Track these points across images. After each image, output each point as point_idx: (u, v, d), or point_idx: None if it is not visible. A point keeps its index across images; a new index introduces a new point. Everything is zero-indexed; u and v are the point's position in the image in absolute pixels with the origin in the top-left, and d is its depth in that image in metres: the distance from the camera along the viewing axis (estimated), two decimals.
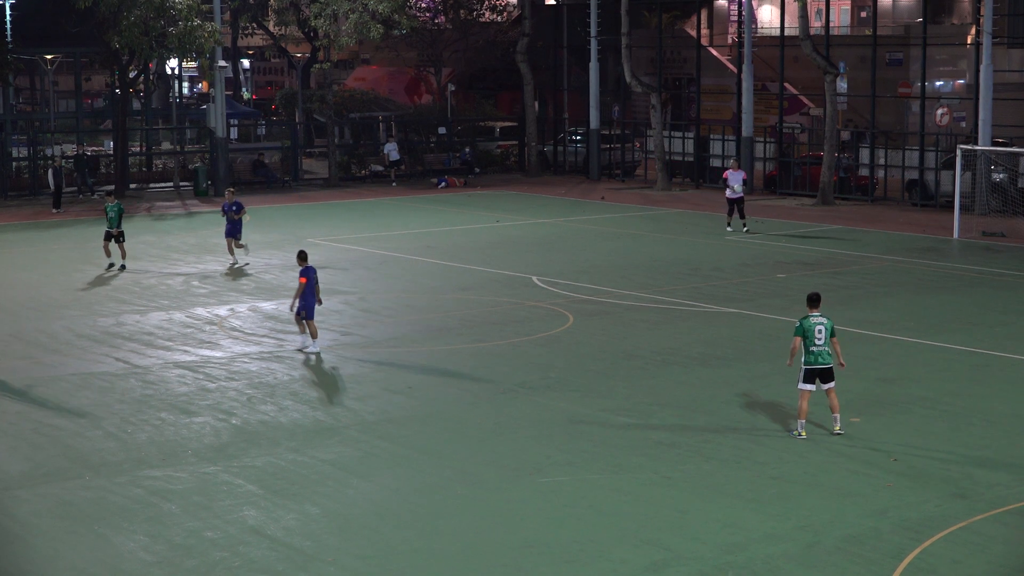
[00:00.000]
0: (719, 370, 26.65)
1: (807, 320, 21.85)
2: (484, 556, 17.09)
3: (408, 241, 44.15)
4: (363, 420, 23.14)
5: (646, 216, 51.10)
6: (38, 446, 21.93)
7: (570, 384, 25.51)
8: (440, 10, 77.01)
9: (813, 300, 22.35)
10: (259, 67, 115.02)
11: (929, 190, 53.05)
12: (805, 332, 21.73)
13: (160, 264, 39.87)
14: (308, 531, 17.96)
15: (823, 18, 61.43)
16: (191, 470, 20.50)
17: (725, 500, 18.95)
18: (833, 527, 17.81)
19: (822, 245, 42.87)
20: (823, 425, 22.35)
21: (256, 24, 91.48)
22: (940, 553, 16.90)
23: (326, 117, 65.12)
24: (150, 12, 54.34)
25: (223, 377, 26.20)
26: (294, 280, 36.40)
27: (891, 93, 59.65)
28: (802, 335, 21.74)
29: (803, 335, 21.73)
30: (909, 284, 36.01)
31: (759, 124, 59.47)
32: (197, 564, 16.83)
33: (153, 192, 60.49)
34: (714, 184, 59.89)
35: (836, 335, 22.19)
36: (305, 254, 29.26)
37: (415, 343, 29.17)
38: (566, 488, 19.58)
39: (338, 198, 57.64)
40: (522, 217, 50.34)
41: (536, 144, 67.64)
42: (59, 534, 17.93)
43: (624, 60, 60.57)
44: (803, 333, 21.74)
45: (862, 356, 27.60)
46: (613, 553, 17.07)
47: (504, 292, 34.91)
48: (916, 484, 19.57)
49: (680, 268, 38.63)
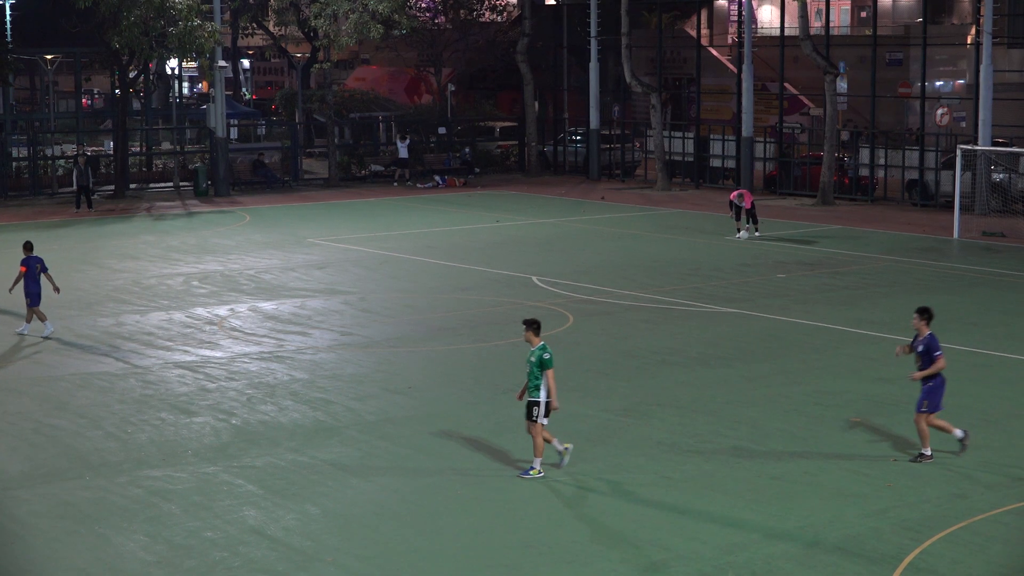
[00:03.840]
0: (719, 370, 26.65)
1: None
2: (484, 556, 17.09)
3: (408, 241, 44.15)
4: (363, 420, 23.14)
5: (646, 216, 51.10)
6: (38, 446, 21.94)
7: (570, 384, 25.48)
8: (440, 10, 77.02)
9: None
10: (259, 67, 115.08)
11: (929, 190, 53.05)
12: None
13: (160, 264, 39.87)
14: (308, 531, 17.96)
15: (823, 18, 61.42)
16: (191, 470, 20.51)
17: (725, 500, 18.95)
18: (833, 527, 17.81)
19: (822, 245, 42.87)
20: (822, 427, 22.36)
21: (256, 24, 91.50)
22: (940, 553, 16.90)
23: (326, 117, 65.12)
24: (150, 12, 54.31)
25: (223, 377, 26.20)
26: (295, 281, 36.51)
27: (891, 93, 59.65)
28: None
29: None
30: (909, 284, 36.01)
31: (759, 124, 59.48)
32: (197, 564, 16.83)
33: (153, 192, 60.48)
34: (714, 184, 59.90)
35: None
36: (30, 244, 30.64)
37: (415, 343, 29.17)
38: (566, 488, 19.57)
39: (338, 198, 57.64)
40: (522, 217, 50.34)
41: (536, 144, 67.64)
42: (59, 534, 17.93)
43: (624, 60, 60.58)
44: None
45: (862, 356, 27.63)
46: (613, 553, 17.08)
47: (504, 292, 34.91)
48: (916, 484, 19.58)
49: (680, 268, 38.63)
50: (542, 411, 19.83)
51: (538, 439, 19.87)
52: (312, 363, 27.42)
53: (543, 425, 19.88)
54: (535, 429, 19.83)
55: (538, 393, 19.82)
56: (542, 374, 19.82)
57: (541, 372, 19.82)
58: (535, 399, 19.82)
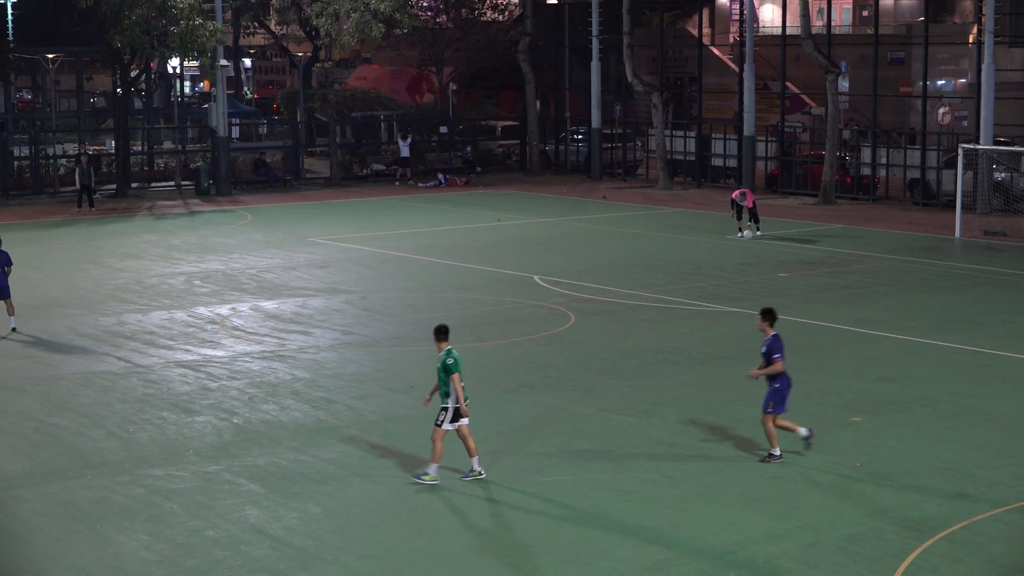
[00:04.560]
0: (721, 369, 26.65)
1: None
2: (485, 555, 17.10)
3: (410, 240, 44.15)
4: (364, 419, 23.15)
5: (648, 215, 51.11)
6: (40, 445, 21.95)
7: (571, 383, 25.51)
8: (442, 9, 77.02)
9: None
10: (261, 66, 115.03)
11: (931, 189, 53.05)
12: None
13: (162, 263, 39.87)
14: (309, 530, 17.97)
15: (824, 17, 61.42)
16: (193, 469, 20.51)
17: (726, 499, 18.96)
18: (834, 527, 17.81)
19: (824, 244, 42.87)
20: (823, 426, 22.36)
21: (258, 23, 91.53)
22: (942, 553, 16.90)
23: (328, 116, 65.12)
24: (152, 11, 54.34)
25: (225, 376, 26.21)
26: (296, 280, 36.51)
27: (893, 92, 59.64)
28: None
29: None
30: (911, 283, 36.00)
31: (760, 123, 59.48)
32: (199, 563, 16.84)
33: (155, 191, 60.50)
34: (716, 183, 59.90)
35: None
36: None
37: (416, 342, 29.16)
38: (567, 487, 19.58)
39: (340, 197, 57.65)
40: (524, 216, 50.35)
41: (538, 143, 67.64)
42: (60, 533, 17.93)
43: (626, 59, 60.59)
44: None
45: (863, 356, 27.63)
46: (614, 552, 17.08)
47: (506, 291, 34.91)
48: (917, 484, 19.57)
49: (682, 267, 38.63)
50: (448, 416, 19.62)
51: (437, 444, 19.67)
52: (314, 362, 27.42)
53: (445, 432, 19.68)
54: (436, 434, 19.67)
55: (447, 399, 19.66)
56: (449, 379, 19.66)
57: (448, 377, 19.67)
58: (444, 405, 19.68)
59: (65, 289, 35.74)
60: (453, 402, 19.62)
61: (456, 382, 19.59)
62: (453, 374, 19.60)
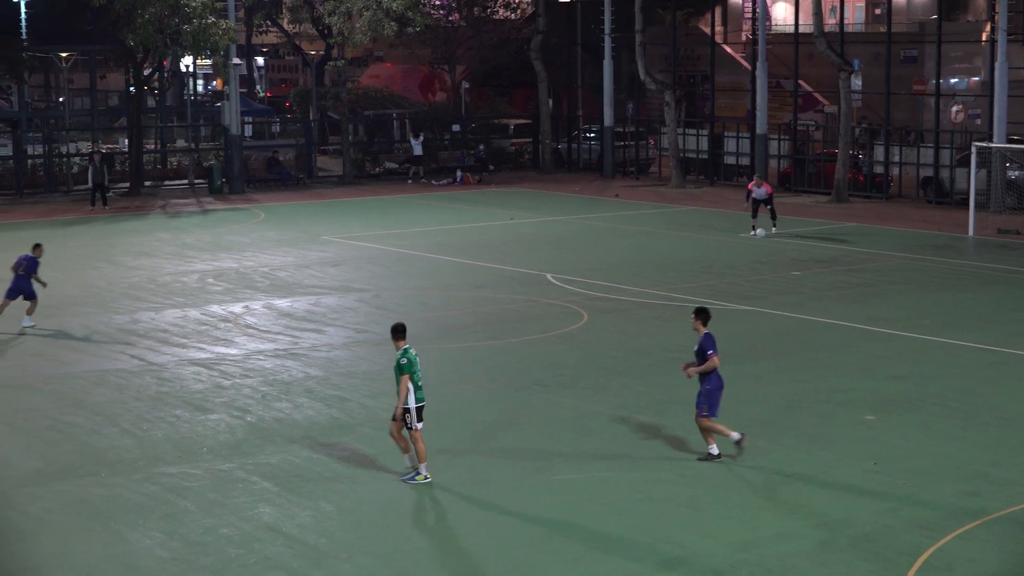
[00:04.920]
0: (733, 367, 26.54)
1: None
2: (496, 554, 17.11)
3: (422, 238, 44.18)
4: (377, 417, 23.16)
5: (660, 213, 51.10)
6: (53, 443, 22.01)
7: (583, 381, 25.53)
8: (454, 7, 77.03)
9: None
10: (273, 65, 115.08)
11: (944, 187, 52.97)
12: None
13: (175, 261, 39.94)
14: (323, 528, 18.01)
15: (837, 15, 61.35)
16: (206, 467, 20.56)
17: (738, 497, 18.96)
18: (847, 525, 17.81)
19: (836, 242, 42.82)
20: (835, 425, 22.36)
21: (270, 22, 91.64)
22: (955, 551, 16.89)
23: (340, 115, 65.16)
24: (164, 10, 54.40)
25: (238, 374, 26.26)
26: (309, 278, 36.57)
27: (906, 90, 59.55)
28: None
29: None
30: (923, 281, 35.97)
31: (773, 121, 59.41)
32: (212, 561, 16.88)
33: (168, 190, 60.58)
34: (728, 181, 59.86)
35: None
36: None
37: (429, 340, 29.18)
38: (579, 485, 19.60)
39: (352, 195, 57.71)
40: (536, 214, 50.36)
41: (550, 141, 67.63)
42: (73, 531, 17.99)
43: (638, 57, 60.56)
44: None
45: (875, 354, 27.61)
46: (627, 550, 17.09)
47: (518, 289, 34.93)
48: (930, 482, 19.56)
49: (694, 265, 38.62)
50: (414, 417, 19.59)
51: (419, 445, 19.62)
52: (327, 360, 27.47)
53: (419, 430, 19.62)
54: (413, 436, 19.64)
55: (409, 399, 19.59)
56: (400, 379, 19.56)
57: (400, 377, 19.56)
58: (407, 406, 19.61)
59: (79, 287, 35.81)
60: (406, 402, 19.49)
61: (405, 383, 19.47)
62: (404, 375, 19.49)
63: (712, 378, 20.61)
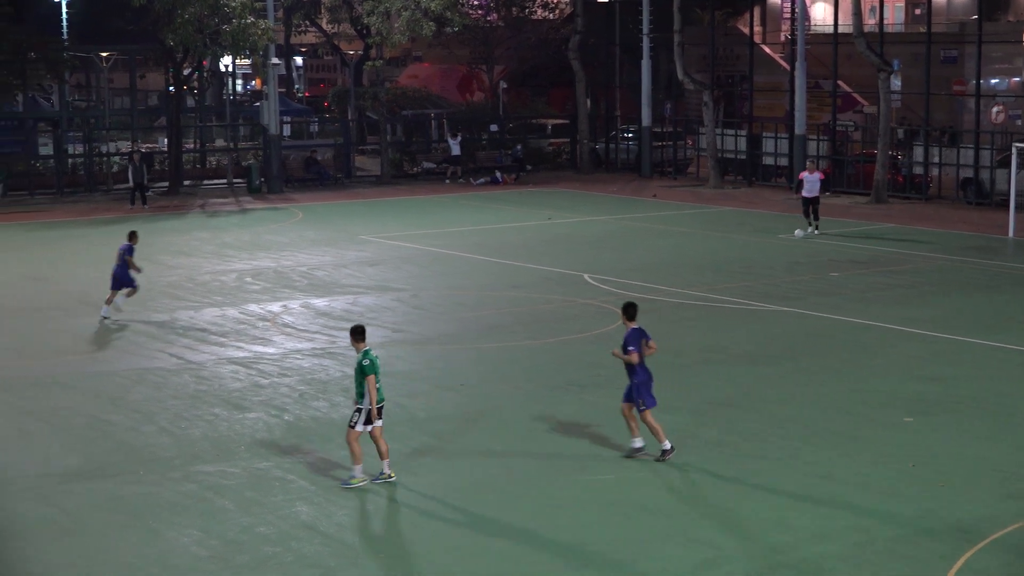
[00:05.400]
0: (768, 368, 26.58)
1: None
2: (530, 553, 17.12)
3: (460, 238, 44.23)
4: (414, 417, 23.22)
5: (698, 214, 51.00)
6: (91, 441, 22.14)
7: (619, 382, 25.40)
8: (492, 7, 77.09)
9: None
10: (312, 64, 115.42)
11: (984, 188, 52.69)
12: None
13: (214, 260, 40.11)
14: (359, 527, 18.07)
15: (877, 15, 61.11)
16: (244, 465, 20.64)
17: (774, 499, 18.92)
18: (883, 527, 17.74)
19: (875, 244, 42.66)
20: (873, 427, 22.28)
21: (309, 21, 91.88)
22: (993, 555, 16.80)
23: (378, 114, 65.29)
24: (204, 10, 54.65)
25: (276, 373, 26.35)
26: (347, 277, 36.66)
27: (946, 91, 59.27)
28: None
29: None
30: (962, 283, 35.80)
31: (812, 122, 59.18)
32: (249, 559, 16.95)
33: (207, 189, 60.84)
34: (766, 182, 59.71)
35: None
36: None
37: (467, 340, 29.24)
38: (612, 486, 19.59)
39: (390, 195, 57.81)
40: (574, 215, 50.35)
41: (588, 141, 67.59)
42: (111, 529, 18.09)
43: (676, 57, 60.44)
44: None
45: (913, 355, 27.51)
46: (661, 551, 17.08)
47: (555, 290, 34.93)
48: (968, 485, 19.47)
49: (732, 266, 38.53)
50: (361, 418, 19.50)
51: (354, 447, 19.55)
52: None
53: (359, 432, 19.53)
54: (350, 436, 19.59)
55: (362, 400, 19.55)
56: (364, 380, 19.54)
57: (363, 379, 19.55)
58: (359, 406, 19.58)
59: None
60: (367, 404, 19.49)
61: (371, 384, 19.45)
62: (368, 376, 19.45)
63: (639, 371, 20.70)
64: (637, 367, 20.66)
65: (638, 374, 20.69)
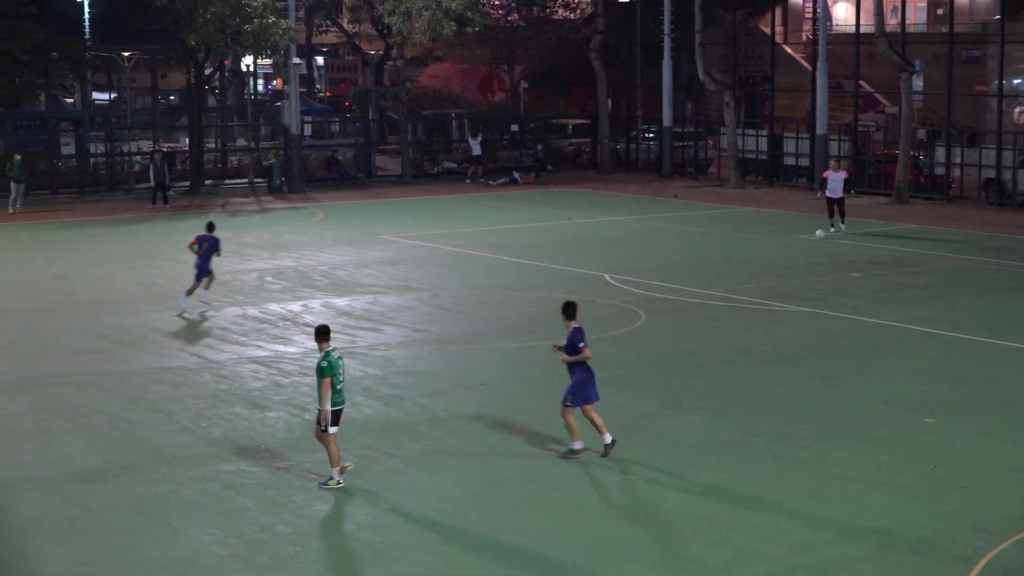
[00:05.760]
0: (788, 368, 26.54)
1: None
2: (550, 554, 17.10)
3: (480, 238, 44.23)
4: (435, 416, 23.22)
5: (719, 214, 50.94)
6: (112, 440, 22.19)
7: (640, 382, 25.48)
8: (513, 7, 77.11)
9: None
10: (333, 64, 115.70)
11: (1006, 189, 52.53)
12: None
13: (235, 260, 40.13)
14: (379, 526, 18.06)
15: (899, 15, 60.99)
16: (264, 465, 20.67)
17: (794, 500, 18.87)
18: (905, 529, 17.68)
19: (896, 244, 42.56)
20: (893, 428, 22.22)
21: (330, 21, 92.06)
22: (1015, 556, 16.74)
23: (399, 114, 65.38)
24: (226, 9, 54.75)
25: (296, 372, 26.38)
26: (368, 277, 36.69)
27: (968, 91, 59.08)
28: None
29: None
30: (984, 284, 35.68)
31: (833, 122, 59.08)
32: (269, 559, 16.96)
33: (228, 188, 60.94)
34: (787, 182, 59.60)
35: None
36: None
37: (487, 340, 29.24)
38: (631, 486, 19.57)
39: (411, 195, 57.85)
40: (594, 215, 50.31)
41: (609, 141, 67.53)
42: (132, 527, 18.11)
43: (698, 57, 60.40)
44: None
45: (934, 356, 27.44)
46: (682, 552, 17.06)
47: (576, 290, 34.88)
48: (989, 486, 19.40)
49: (752, 266, 38.47)
50: (329, 420, 19.40)
51: (331, 449, 19.46)
52: (384, 359, 27.54)
53: (333, 434, 19.44)
54: (326, 439, 19.53)
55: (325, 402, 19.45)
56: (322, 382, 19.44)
57: (321, 380, 19.43)
58: (321, 408, 19.48)
59: (139, 285, 36.08)
60: (327, 404, 19.38)
61: (325, 387, 19.34)
62: (324, 378, 19.37)
63: (579, 371, 20.62)
64: (579, 366, 20.56)
65: (579, 372, 20.65)
